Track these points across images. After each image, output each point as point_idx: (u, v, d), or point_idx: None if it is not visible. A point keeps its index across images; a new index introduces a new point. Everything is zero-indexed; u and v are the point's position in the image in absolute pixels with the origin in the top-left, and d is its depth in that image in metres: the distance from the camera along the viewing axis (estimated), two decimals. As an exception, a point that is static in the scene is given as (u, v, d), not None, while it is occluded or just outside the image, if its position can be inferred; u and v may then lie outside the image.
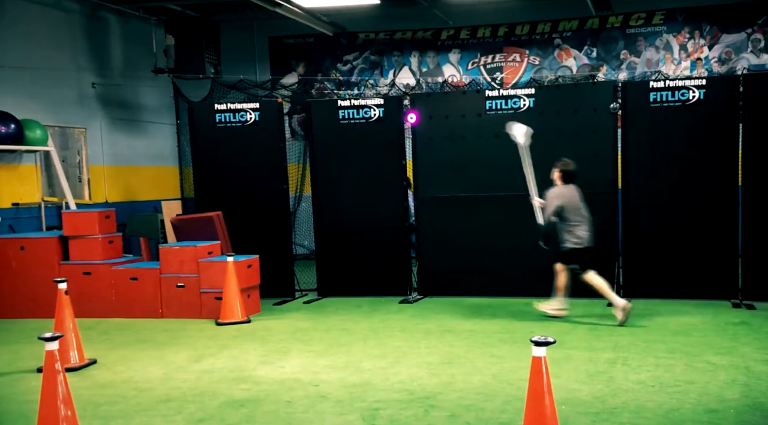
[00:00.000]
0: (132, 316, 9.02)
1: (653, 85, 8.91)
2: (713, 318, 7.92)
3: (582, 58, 13.02)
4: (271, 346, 7.36)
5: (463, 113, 9.57)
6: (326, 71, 14.33)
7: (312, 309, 9.43)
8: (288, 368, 6.50)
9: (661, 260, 8.99)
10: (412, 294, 9.84)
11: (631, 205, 9.08)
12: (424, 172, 9.77)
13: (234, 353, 7.11)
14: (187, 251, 9.01)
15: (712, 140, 8.74)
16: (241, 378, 6.20)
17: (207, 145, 10.35)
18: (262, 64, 14.59)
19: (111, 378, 6.32)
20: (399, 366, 6.41)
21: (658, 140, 8.90)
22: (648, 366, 6.12)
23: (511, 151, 9.34)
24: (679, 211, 8.90)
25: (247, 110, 10.22)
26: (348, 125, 9.92)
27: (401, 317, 8.61)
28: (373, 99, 10.00)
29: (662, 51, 12.65)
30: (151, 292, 9.03)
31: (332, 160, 10.05)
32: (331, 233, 10.09)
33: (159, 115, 13.98)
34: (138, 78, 13.28)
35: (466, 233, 9.59)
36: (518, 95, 9.37)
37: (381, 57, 14.09)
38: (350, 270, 10.05)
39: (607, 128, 9.05)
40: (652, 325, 7.69)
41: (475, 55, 13.59)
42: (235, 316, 8.54)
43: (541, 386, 4.06)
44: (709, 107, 8.69)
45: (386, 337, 7.59)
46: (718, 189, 8.77)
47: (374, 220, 9.90)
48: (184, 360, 6.88)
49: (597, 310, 8.56)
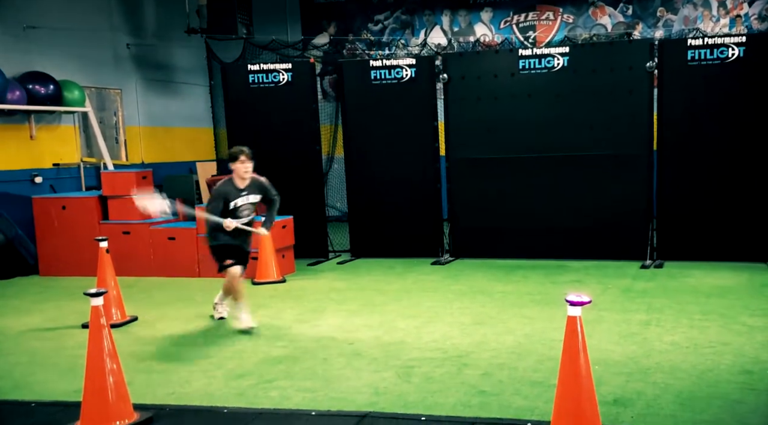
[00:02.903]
0: (170, 275, 9.22)
1: (691, 42, 8.72)
2: (749, 280, 7.86)
3: (617, 15, 12.75)
4: (307, 305, 7.49)
5: (496, 73, 9.49)
6: (357, 31, 14.23)
7: (345, 270, 9.55)
8: (323, 326, 6.62)
9: (695, 222, 8.91)
10: (444, 256, 9.90)
11: (666, 166, 8.97)
12: (456, 133, 9.74)
13: (270, 312, 7.26)
14: (222, 211, 9.11)
15: (751, 99, 8.56)
16: (277, 335, 6.34)
17: (240, 106, 10.41)
18: (293, 24, 14.54)
19: (152, 334, 6.52)
20: (432, 325, 6.50)
21: (695, 100, 8.75)
22: (682, 328, 6.12)
23: (544, 111, 9.30)
24: (715, 173, 8.78)
25: (279, 71, 10.24)
26: (380, 85, 9.90)
27: (434, 279, 8.69)
28: (404, 59, 9.95)
29: (700, 8, 12.33)
30: (188, 252, 9.21)
31: (364, 121, 10.05)
32: (364, 194, 10.15)
33: (193, 76, 14.06)
34: (171, 39, 13.34)
35: (498, 195, 9.58)
36: (552, 54, 9.24)
37: (412, 16, 13.95)
38: (383, 232, 10.12)
39: (642, 88, 8.90)
40: (686, 287, 7.67)
41: (507, 13, 13.38)
42: (271, 276, 8.69)
43: (576, 345, 4.08)
44: (748, 65, 8.49)
45: (419, 297, 7.68)
46: (755, 151, 8.62)
47: (407, 182, 9.92)
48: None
49: (630, 271, 8.55)
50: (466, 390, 4.80)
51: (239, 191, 6.49)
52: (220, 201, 6.41)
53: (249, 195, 6.57)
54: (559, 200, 9.38)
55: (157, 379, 5.25)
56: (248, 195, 6.56)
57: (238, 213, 6.50)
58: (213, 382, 5.16)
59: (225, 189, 6.44)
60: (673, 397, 4.54)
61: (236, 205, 6.48)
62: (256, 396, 4.86)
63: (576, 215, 9.33)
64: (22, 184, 10.38)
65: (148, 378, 5.28)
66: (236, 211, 6.48)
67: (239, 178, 6.47)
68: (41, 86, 10.27)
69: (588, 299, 3.99)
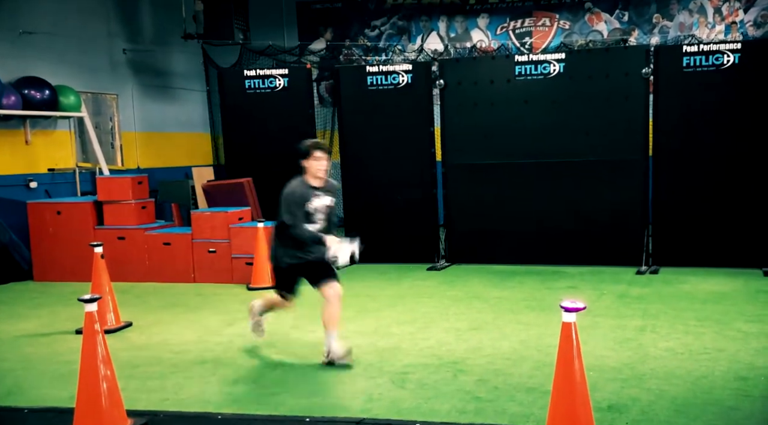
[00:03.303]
0: (165, 280, 9.20)
1: (687, 49, 8.76)
2: (744, 286, 7.87)
3: (613, 22, 12.79)
4: (302, 311, 7.42)
5: (492, 79, 9.50)
6: (354, 37, 14.25)
7: (340, 275, 9.50)
8: (319, 332, 6.54)
9: (691, 228, 8.92)
10: (439, 261, 9.89)
11: (661, 172, 8.98)
12: (452, 139, 9.75)
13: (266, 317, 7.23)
14: (218, 216, 9.13)
15: (747, 106, 8.59)
16: (272, 341, 6.32)
17: (237, 111, 10.42)
18: (289, 30, 14.55)
19: (147, 340, 6.49)
20: (427, 331, 6.49)
21: (690, 106, 8.77)
22: (677, 334, 6.12)
23: (540, 117, 9.32)
24: (711, 178, 8.80)
25: (276, 76, 10.25)
26: (376, 91, 9.91)
27: (429, 284, 8.68)
28: (401, 65, 9.97)
29: (696, 14, 12.37)
30: (183, 257, 9.19)
31: (361, 126, 10.06)
32: (360, 199, 10.15)
33: (189, 81, 14.06)
34: (168, 44, 13.34)
35: (494, 200, 9.59)
36: (548, 60, 9.26)
37: (409, 22, 13.97)
38: (378, 237, 10.09)
39: (638, 94, 8.92)
40: (682, 293, 7.67)
41: (504, 19, 13.41)
42: (266, 281, 8.66)
43: (571, 351, 4.08)
44: (744, 72, 8.51)
45: (414, 303, 7.67)
46: (751, 157, 8.64)
47: (403, 187, 9.92)
48: (217, 324, 7.03)
49: (626, 277, 8.55)
50: (461, 396, 4.79)
51: (314, 191, 5.55)
52: (301, 207, 5.47)
53: (324, 196, 5.62)
54: (555, 206, 9.38)
55: (152, 385, 5.23)
56: (323, 196, 5.62)
57: (313, 219, 5.55)
58: (208, 388, 5.14)
59: (300, 191, 5.50)
60: (668, 403, 4.54)
61: (313, 208, 5.54)
62: (250, 402, 4.85)
63: (572, 221, 9.34)
64: (17, 189, 10.35)
65: (143, 384, 5.26)
66: (311, 216, 5.54)
67: (312, 177, 5.56)
68: (37, 91, 10.26)
69: (582, 306, 3.99)
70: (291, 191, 5.52)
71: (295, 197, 5.48)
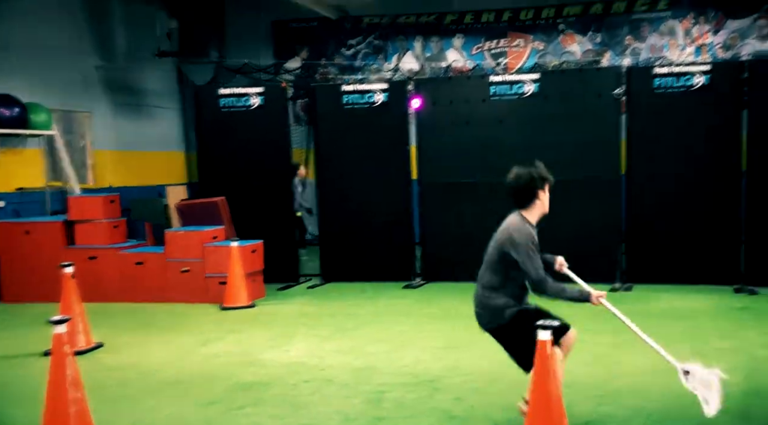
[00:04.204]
0: (137, 300, 9.06)
1: (657, 70, 8.90)
2: (716, 303, 7.94)
3: (586, 43, 12.96)
4: (277, 330, 7.40)
5: (467, 99, 9.56)
6: (330, 56, 14.27)
7: (316, 294, 9.47)
8: (294, 352, 6.54)
9: (664, 245, 9.01)
10: (415, 280, 9.87)
11: (634, 191, 9.08)
12: (428, 158, 9.77)
13: (240, 337, 7.15)
14: (191, 236, 9.04)
15: (716, 126, 8.72)
16: (247, 361, 6.25)
17: (211, 129, 10.36)
18: (265, 48, 14.53)
19: (118, 362, 6.38)
20: (404, 350, 6.45)
21: (662, 126, 8.88)
22: (652, 351, 6.13)
23: (515, 136, 9.38)
24: (683, 197, 8.90)
25: (251, 95, 10.22)
26: (352, 109, 9.91)
27: (405, 303, 8.65)
28: (377, 84, 9.99)
29: (667, 37, 12.58)
30: (156, 276, 9.06)
31: (336, 145, 10.05)
32: (336, 218, 10.11)
33: (163, 99, 13.96)
34: (142, 62, 13.24)
35: (469, 219, 9.59)
36: (522, 80, 9.35)
37: (385, 42, 14.03)
38: (354, 256, 10.07)
39: (611, 114, 9.03)
40: (656, 310, 7.72)
41: (479, 40, 13.53)
42: (240, 301, 8.59)
43: (547, 369, 4.09)
44: (713, 93, 8.66)
45: (391, 322, 7.62)
46: (722, 175, 8.76)
47: (379, 205, 9.91)
48: (190, 344, 6.93)
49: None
50: (438, 415, 4.76)
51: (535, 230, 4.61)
52: (537, 251, 4.52)
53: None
54: (529, 224, 9.40)
55: (124, 407, 5.13)
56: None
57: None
58: (181, 409, 5.05)
59: (531, 232, 4.59)
60: (643, 420, 4.55)
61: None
62: (225, 423, 4.77)
63: (546, 239, 9.30)
64: (-16, 208, 10.16)
65: (114, 406, 5.15)
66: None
67: (539, 214, 4.61)
68: (6, 109, 10.09)
69: (557, 324, 4.02)
70: (524, 235, 4.43)
71: (531, 240, 4.40)
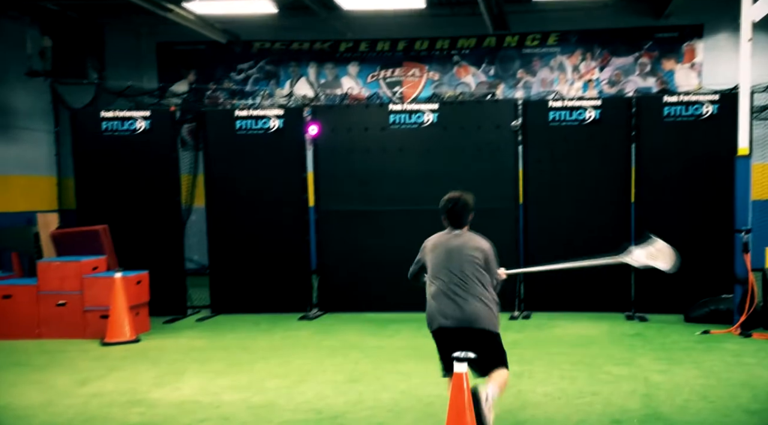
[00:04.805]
0: (5, 338, 8.25)
1: (552, 104, 9.12)
2: (609, 330, 8.11)
3: (480, 75, 13.22)
4: (165, 367, 6.89)
5: (367, 126, 9.45)
6: (219, 80, 13.86)
7: (206, 327, 8.97)
8: (185, 389, 6.09)
9: (559, 274, 9.06)
10: (312, 310, 9.55)
11: (531, 220, 9.22)
12: (325, 185, 9.55)
13: (124, 374, 6.60)
14: (69, 266, 8.38)
15: (608, 157, 9.02)
16: (134, 401, 5.75)
17: (91, 154, 9.74)
18: (149, 70, 13.93)
19: (-17, 406, 5.70)
20: (304, 384, 6.15)
21: (557, 157, 9.09)
22: (553, 379, 6.16)
23: (415, 165, 9.33)
24: (577, 226, 9.10)
25: (137, 118, 9.68)
26: (246, 135, 9.58)
27: (303, 334, 8.32)
28: (272, 109, 9.70)
29: (556, 71, 13.04)
30: (26, 311, 8.31)
31: (228, 172, 9.66)
32: (227, 247, 9.68)
33: (32, 120, 12.94)
34: (9, 81, 12.28)
35: (367, 248, 9.42)
36: (422, 110, 9.34)
37: (277, 67, 13.77)
38: (247, 286, 9.64)
39: (508, 145, 9.16)
40: (554, 338, 7.79)
41: (374, 68, 13.53)
42: (123, 335, 7.99)
43: (463, 401, 3.94)
44: (604, 126, 8.96)
45: (288, 355, 7.28)
46: (614, 205, 9.03)
47: (272, 234, 9.57)
48: (67, 384, 6.32)
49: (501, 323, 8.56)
50: (347, 454, 4.48)
51: None
52: None
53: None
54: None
55: (-11, 459, 4.53)
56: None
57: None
58: (58, 459, 4.51)
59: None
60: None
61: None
62: (109, 473, 4.29)
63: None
64: None
65: (-22, 457, 4.55)
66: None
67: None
68: None
69: (474, 355, 3.94)
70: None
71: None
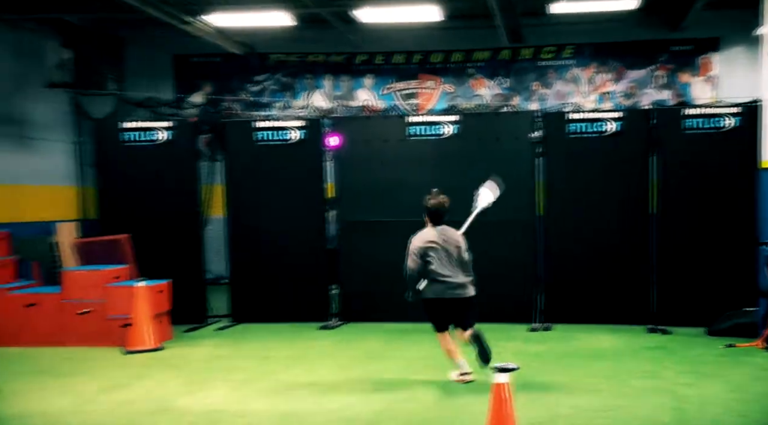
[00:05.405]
0: (29, 345, 8.32)
1: (572, 116, 9.15)
2: (631, 343, 8.08)
3: (495, 87, 13.28)
4: (190, 375, 6.93)
5: (386, 138, 9.51)
6: (235, 92, 13.95)
7: (227, 336, 9.01)
8: (212, 397, 6.13)
9: (579, 286, 9.15)
10: (332, 320, 9.58)
11: (550, 232, 9.22)
12: (345, 196, 9.61)
13: (150, 382, 6.64)
14: (92, 275, 8.48)
15: (628, 170, 9.01)
16: (161, 409, 5.79)
17: (113, 164, 9.83)
18: (166, 82, 14.03)
19: (16, 411, 5.77)
20: (331, 394, 6.17)
21: (576, 169, 9.11)
22: (579, 391, 6.16)
23: (432, 176, 9.36)
24: (597, 238, 9.10)
25: (158, 129, 9.77)
26: (266, 146, 9.65)
27: (324, 344, 8.36)
28: (293, 121, 9.78)
29: (571, 84, 13.10)
30: (51, 319, 8.38)
31: (249, 182, 9.73)
32: (248, 257, 9.73)
33: (52, 131, 13.01)
34: (30, 92, 12.38)
35: (387, 258, 9.39)
36: (441, 121, 9.39)
37: (293, 79, 13.86)
38: (267, 295, 9.70)
39: (527, 156, 9.19)
40: (576, 350, 7.78)
41: (389, 80, 13.61)
42: (146, 343, 8.04)
43: (503, 413, 3.95)
44: (624, 138, 8.96)
45: (312, 364, 7.32)
46: (634, 217, 9.03)
47: (293, 244, 9.62)
48: (94, 391, 6.37)
49: (520, 334, 8.60)
50: (382, 463, 4.50)
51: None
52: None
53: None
54: (447, 264, 9.36)
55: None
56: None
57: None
58: (94, 465, 4.55)
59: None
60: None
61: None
62: (147, 479, 4.32)
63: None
64: None
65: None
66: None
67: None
68: None
69: (515, 366, 3.93)
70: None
71: None
